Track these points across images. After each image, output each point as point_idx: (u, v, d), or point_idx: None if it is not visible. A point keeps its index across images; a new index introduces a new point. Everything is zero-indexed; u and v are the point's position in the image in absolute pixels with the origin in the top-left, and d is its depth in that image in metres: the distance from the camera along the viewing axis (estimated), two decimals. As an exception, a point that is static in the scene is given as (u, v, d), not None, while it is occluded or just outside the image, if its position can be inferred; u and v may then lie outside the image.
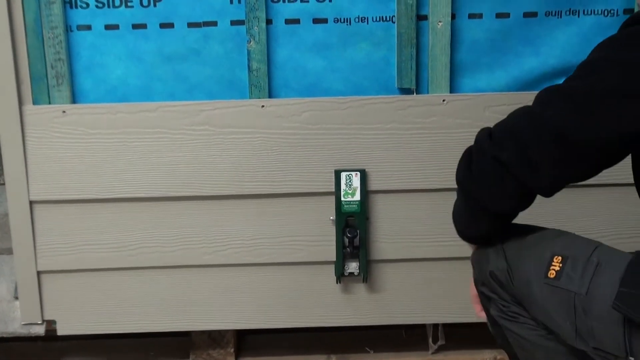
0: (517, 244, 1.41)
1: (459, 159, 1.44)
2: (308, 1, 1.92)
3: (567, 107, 1.25)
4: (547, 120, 1.26)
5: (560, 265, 1.30)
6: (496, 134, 1.33)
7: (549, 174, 1.27)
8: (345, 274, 2.04)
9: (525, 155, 1.27)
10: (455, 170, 1.99)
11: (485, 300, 1.51)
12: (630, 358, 1.22)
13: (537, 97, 1.32)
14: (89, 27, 1.94)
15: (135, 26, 1.94)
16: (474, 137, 1.97)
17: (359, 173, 1.97)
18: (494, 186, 1.32)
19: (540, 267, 1.32)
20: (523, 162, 1.27)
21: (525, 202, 1.34)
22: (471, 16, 1.94)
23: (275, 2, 1.92)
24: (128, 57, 1.95)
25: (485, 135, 1.34)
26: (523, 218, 1.42)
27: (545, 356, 1.39)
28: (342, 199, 1.98)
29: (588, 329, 1.27)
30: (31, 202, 1.99)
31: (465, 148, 1.97)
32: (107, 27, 1.94)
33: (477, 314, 1.58)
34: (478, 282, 1.52)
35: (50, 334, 2.10)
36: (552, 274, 1.30)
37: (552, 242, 1.37)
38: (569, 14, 1.94)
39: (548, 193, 1.31)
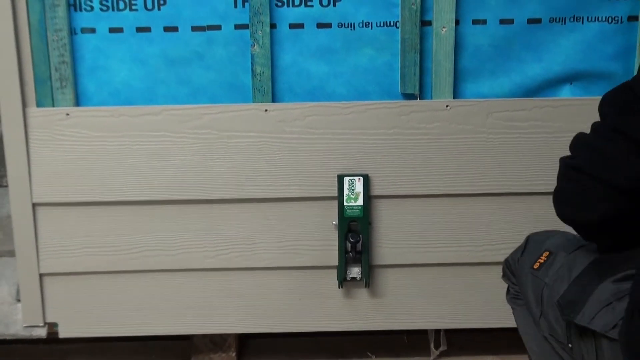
0: (539, 239, 1.53)
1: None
2: (312, 6, 1.92)
3: (615, 109, 1.31)
4: (604, 121, 1.32)
5: (545, 259, 1.43)
6: (570, 152, 1.36)
7: (625, 167, 1.26)
8: (348, 278, 2.03)
9: (597, 153, 1.29)
10: (456, 175, 2.00)
11: (506, 293, 1.62)
12: (569, 345, 1.35)
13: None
14: (93, 30, 1.94)
15: (139, 29, 1.94)
16: (477, 142, 1.99)
17: (361, 178, 1.97)
18: (580, 195, 1.32)
19: (533, 259, 1.46)
20: (597, 160, 1.29)
21: (619, 203, 1.28)
22: (475, 22, 1.93)
23: (280, 6, 1.93)
24: (132, 60, 1.96)
25: (564, 159, 1.37)
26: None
27: (533, 337, 1.50)
28: (345, 203, 1.98)
29: (546, 316, 1.40)
30: (34, 205, 1.99)
31: (467, 154, 1.99)
32: (112, 30, 1.94)
33: None
34: (502, 277, 1.63)
35: (52, 337, 2.10)
36: (536, 265, 1.44)
37: (554, 239, 1.49)
38: (573, 20, 1.93)
39: (630, 187, 1.27)
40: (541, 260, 1.44)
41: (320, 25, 1.94)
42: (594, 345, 1.29)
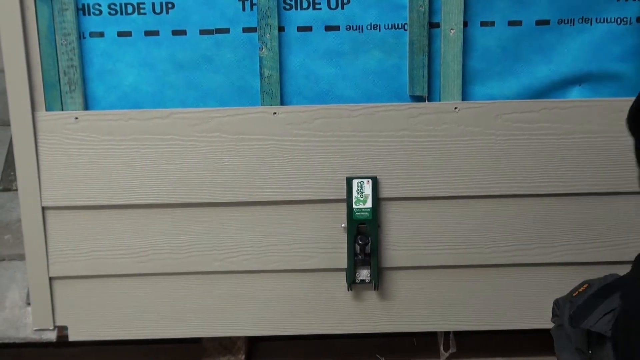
0: (589, 280, 1.65)
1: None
2: (320, 9, 1.92)
3: None
4: None
5: (584, 290, 1.58)
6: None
7: None
8: (357, 281, 2.03)
9: None
10: (465, 177, 2.00)
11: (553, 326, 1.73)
12: (590, 351, 1.49)
13: None
14: (101, 34, 1.94)
15: (147, 33, 1.94)
16: (486, 144, 1.98)
17: (370, 180, 1.97)
18: None
19: (575, 290, 1.61)
20: None
21: None
22: (483, 24, 1.93)
23: (288, 9, 1.93)
24: (140, 64, 1.96)
25: None
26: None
27: (568, 352, 1.61)
28: (354, 206, 1.98)
29: (576, 332, 1.54)
30: (43, 208, 2.00)
31: (476, 156, 1.98)
32: (120, 34, 1.94)
33: None
34: (552, 319, 1.72)
35: (62, 340, 2.10)
36: (575, 294, 1.58)
37: (600, 277, 1.62)
38: (582, 22, 1.93)
39: None
40: (580, 290, 1.59)
41: (328, 28, 1.94)
42: (609, 352, 1.41)
